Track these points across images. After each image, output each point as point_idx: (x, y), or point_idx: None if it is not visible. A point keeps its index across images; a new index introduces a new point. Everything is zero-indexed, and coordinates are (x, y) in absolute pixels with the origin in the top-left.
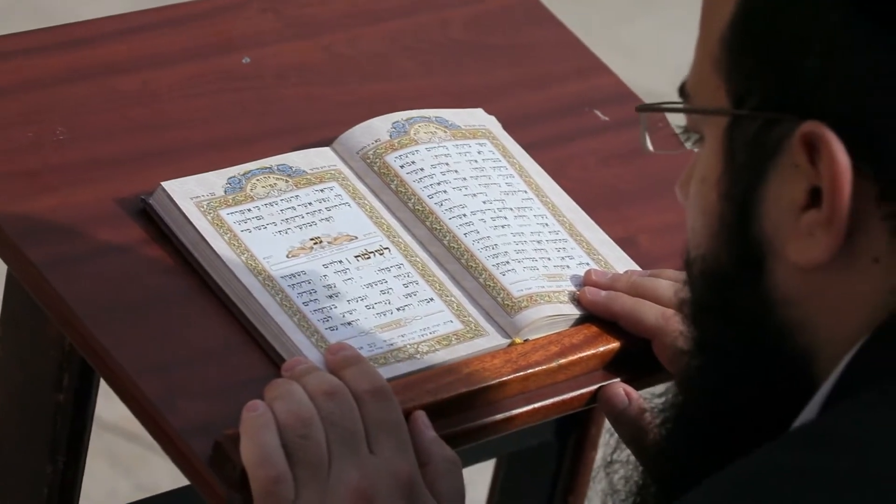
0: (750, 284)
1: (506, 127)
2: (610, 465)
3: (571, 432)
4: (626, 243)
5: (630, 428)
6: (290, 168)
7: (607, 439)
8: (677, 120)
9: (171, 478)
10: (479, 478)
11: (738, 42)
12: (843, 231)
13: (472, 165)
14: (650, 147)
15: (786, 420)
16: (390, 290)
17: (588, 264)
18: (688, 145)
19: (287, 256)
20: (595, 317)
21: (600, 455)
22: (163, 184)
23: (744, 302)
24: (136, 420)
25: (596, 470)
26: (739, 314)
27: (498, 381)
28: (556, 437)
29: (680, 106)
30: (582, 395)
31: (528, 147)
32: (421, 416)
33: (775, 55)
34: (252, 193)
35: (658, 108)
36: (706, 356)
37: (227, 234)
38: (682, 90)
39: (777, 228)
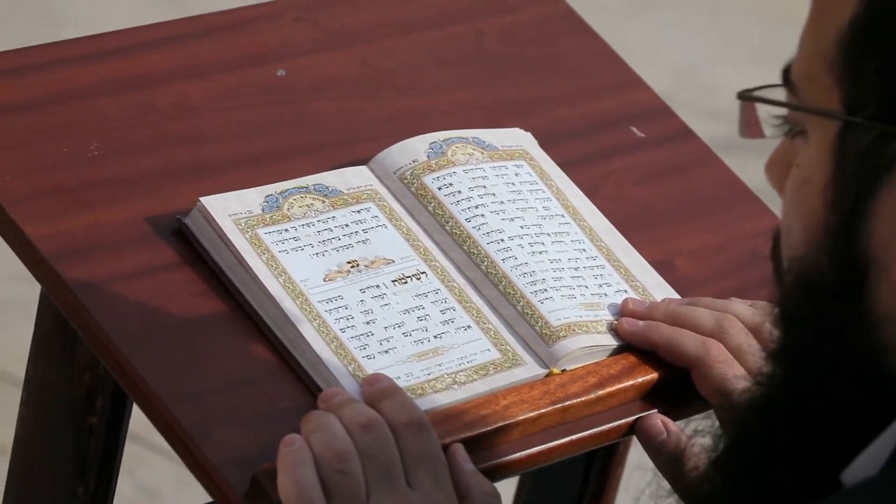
0: (849, 298)
1: (541, 143)
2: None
3: (598, 449)
4: (662, 266)
5: (668, 460)
6: (327, 188)
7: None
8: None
9: (171, 479)
10: (502, 494)
11: (858, 46)
12: None
13: (509, 188)
14: (746, 135)
15: (864, 440)
16: (427, 317)
17: (626, 291)
18: (777, 133)
19: (324, 280)
20: (633, 346)
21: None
22: (201, 199)
23: (841, 315)
24: (136, 421)
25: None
26: (834, 327)
27: (536, 413)
28: (582, 454)
29: (789, 101)
30: (619, 426)
31: (564, 164)
32: (459, 449)
33: None
34: (289, 213)
35: (763, 100)
36: (792, 365)
37: (264, 254)
38: (787, 78)
39: (885, 247)
